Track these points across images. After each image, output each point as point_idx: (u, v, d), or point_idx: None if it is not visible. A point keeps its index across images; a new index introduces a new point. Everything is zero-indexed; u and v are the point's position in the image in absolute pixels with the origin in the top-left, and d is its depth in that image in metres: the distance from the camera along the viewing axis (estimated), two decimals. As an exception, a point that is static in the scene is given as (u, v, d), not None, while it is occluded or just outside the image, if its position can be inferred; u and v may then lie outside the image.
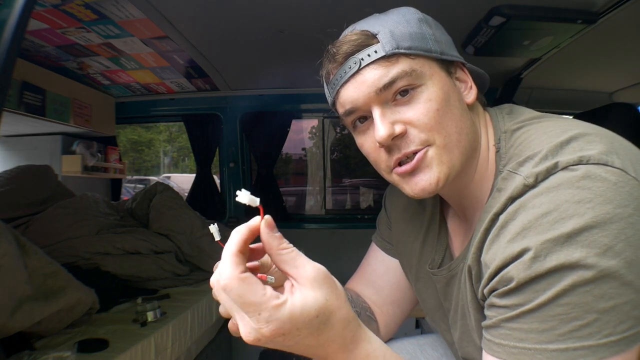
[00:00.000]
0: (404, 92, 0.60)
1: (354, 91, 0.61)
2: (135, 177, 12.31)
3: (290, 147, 4.37)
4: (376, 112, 0.60)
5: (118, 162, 2.56)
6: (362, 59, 0.59)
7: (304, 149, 4.13)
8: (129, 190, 7.71)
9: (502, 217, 0.53)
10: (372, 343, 0.50)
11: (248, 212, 2.58)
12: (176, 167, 16.61)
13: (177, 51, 1.79)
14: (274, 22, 1.55)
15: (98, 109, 2.21)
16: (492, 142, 0.64)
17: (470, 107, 0.65)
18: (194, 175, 2.76)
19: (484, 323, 0.54)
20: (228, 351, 2.19)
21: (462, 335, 0.67)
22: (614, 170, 0.48)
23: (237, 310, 0.44)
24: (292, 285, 0.46)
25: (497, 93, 2.19)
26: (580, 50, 1.66)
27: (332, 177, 3.67)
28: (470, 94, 0.65)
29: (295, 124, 2.76)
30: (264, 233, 0.48)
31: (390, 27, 0.60)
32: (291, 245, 0.48)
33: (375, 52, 0.59)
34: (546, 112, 0.65)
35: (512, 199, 0.52)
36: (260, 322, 0.43)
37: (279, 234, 0.48)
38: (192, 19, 1.55)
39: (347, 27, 0.67)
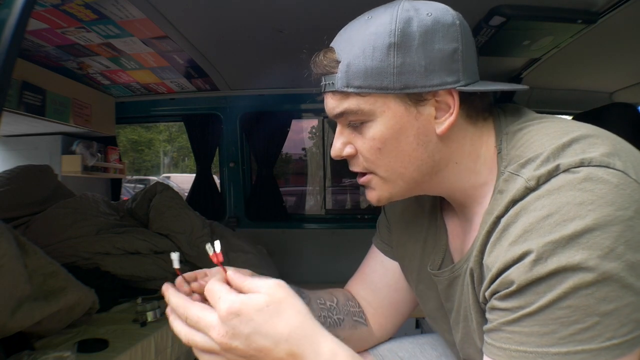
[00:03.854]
0: (354, 125, 0.62)
1: (325, 105, 0.65)
2: (135, 177, 12.30)
3: (290, 147, 4.37)
4: (337, 129, 0.65)
5: (118, 162, 2.56)
6: (326, 85, 0.63)
7: (304, 149, 4.13)
8: (128, 190, 7.71)
9: (503, 220, 0.53)
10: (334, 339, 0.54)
11: (248, 213, 2.58)
12: (176, 167, 16.62)
13: (177, 51, 1.79)
14: (274, 22, 1.55)
15: (98, 109, 2.21)
16: (493, 143, 0.63)
17: (444, 135, 0.61)
18: (194, 175, 2.76)
19: (485, 327, 0.54)
20: (228, 351, 2.19)
21: (463, 337, 0.67)
22: (616, 172, 0.48)
23: (197, 322, 0.52)
24: None
25: (497, 93, 2.19)
26: (580, 50, 1.66)
27: (332, 177, 3.67)
28: (444, 123, 0.59)
29: (295, 124, 2.77)
30: (232, 279, 0.56)
31: (351, 57, 0.58)
32: (247, 277, 0.56)
33: (332, 83, 0.61)
34: (546, 112, 0.64)
35: (513, 202, 0.52)
36: (219, 303, 0.51)
37: (238, 275, 0.56)
38: (192, 19, 1.55)
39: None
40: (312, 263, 2.51)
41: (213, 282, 0.54)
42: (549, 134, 0.56)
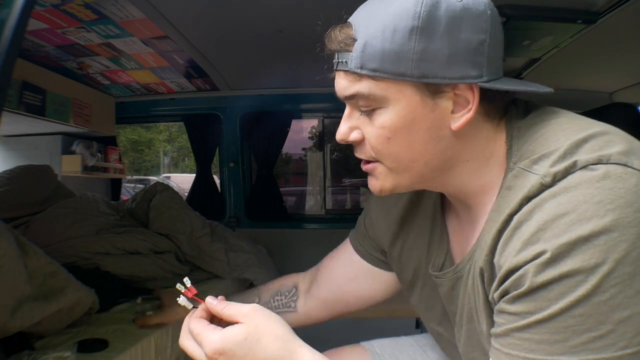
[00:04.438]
0: (364, 110, 0.59)
1: (336, 84, 0.61)
2: (135, 177, 12.30)
3: (290, 147, 4.38)
4: (345, 111, 0.61)
5: (118, 162, 2.56)
6: (339, 62, 0.58)
7: (304, 149, 4.13)
8: (129, 190, 7.71)
9: (516, 218, 0.51)
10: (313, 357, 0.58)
11: (248, 213, 2.58)
12: (176, 167, 16.63)
13: (177, 51, 1.79)
14: (274, 22, 1.55)
15: (98, 109, 2.20)
16: (504, 139, 0.61)
17: (459, 131, 0.58)
18: (194, 175, 2.76)
19: (493, 330, 0.53)
20: (228, 351, 2.19)
21: (467, 340, 0.66)
22: (634, 171, 0.47)
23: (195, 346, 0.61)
24: None
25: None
26: (580, 50, 1.66)
27: (332, 177, 3.67)
28: (460, 119, 0.56)
29: (295, 124, 2.76)
30: (211, 307, 0.63)
31: (369, 37, 0.54)
32: (226, 302, 0.63)
33: (346, 62, 0.57)
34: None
35: (527, 199, 0.50)
36: (203, 345, 0.58)
37: (216, 302, 0.63)
38: (192, 19, 1.55)
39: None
40: (312, 263, 2.48)
41: (194, 322, 0.61)
42: (564, 130, 0.54)
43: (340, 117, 0.64)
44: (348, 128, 0.61)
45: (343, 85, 0.59)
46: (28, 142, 2.30)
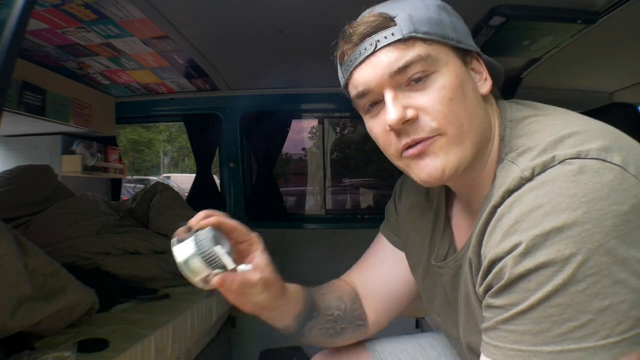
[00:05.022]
0: (418, 77, 0.58)
1: (368, 73, 0.60)
2: (135, 177, 12.30)
3: (290, 147, 4.37)
4: (388, 96, 0.58)
5: (118, 162, 2.56)
6: (378, 41, 0.58)
7: (304, 149, 4.13)
8: (128, 190, 7.70)
9: (499, 210, 0.53)
10: None
11: (248, 213, 2.58)
12: (176, 167, 16.64)
13: (177, 51, 1.79)
14: (274, 22, 1.55)
15: (98, 109, 2.21)
16: (498, 132, 0.63)
17: (485, 98, 0.63)
18: (194, 175, 2.76)
19: (483, 326, 0.54)
20: (228, 351, 2.19)
21: (465, 324, 0.67)
22: (612, 166, 0.47)
23: None
24: None
25: (500, 89, 2.19)
26: (580, 50, 1.66)
27: (332, 177, 3.66)
28: (485, 84, 0.63)
29: (295, 124, 2.77)
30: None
31: (409, 10, 0.59)
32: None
33: (392, 34, 0.57)
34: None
35: (509, 192, 0.52)
36: None
37: None
38: (192, 19, 1.55)
39: (347, 23, 0.66)
40: (312, 263, 2.51)
41: None
42: (550, 126, 0.56)
43: (340, 117, 0.65)
44: (401, 107, 0.58)
45: (393, 58, 0.58)
46: (28, 142, 2.30)
